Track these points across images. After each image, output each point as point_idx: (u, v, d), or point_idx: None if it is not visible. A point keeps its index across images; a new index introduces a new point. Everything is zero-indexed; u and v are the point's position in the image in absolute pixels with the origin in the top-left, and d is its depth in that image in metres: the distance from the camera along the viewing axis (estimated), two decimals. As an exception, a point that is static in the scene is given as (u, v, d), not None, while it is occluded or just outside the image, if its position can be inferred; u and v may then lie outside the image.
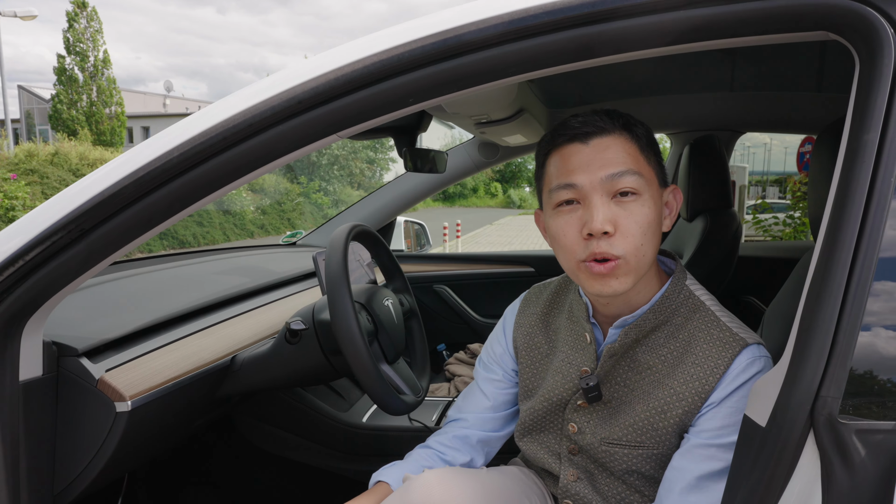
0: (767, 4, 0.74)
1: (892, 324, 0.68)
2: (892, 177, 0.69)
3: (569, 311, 1.07)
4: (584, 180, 0.89)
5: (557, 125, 0.95)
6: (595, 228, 0.87)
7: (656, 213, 0.91)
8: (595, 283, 0.90)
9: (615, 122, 0.92)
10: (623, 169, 0.89)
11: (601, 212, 0.87)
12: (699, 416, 0.91)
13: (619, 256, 0.88)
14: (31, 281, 0.91)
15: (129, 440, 1.07)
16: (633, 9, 0.76)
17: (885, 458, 0.65)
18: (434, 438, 1.15)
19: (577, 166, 0.90)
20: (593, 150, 0.90)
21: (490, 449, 1.16)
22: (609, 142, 0.91)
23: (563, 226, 0.92)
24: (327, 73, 0.84)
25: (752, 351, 0.91)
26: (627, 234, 0.88)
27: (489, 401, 1.14)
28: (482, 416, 1.14)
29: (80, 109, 22.94)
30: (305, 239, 2.59)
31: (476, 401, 1.16)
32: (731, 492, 0.76)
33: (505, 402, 1.15)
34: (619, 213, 0.88)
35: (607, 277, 0.89)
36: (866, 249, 0.68)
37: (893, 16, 0.71)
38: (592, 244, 0.88)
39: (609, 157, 0.89)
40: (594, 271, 0.89)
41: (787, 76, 1.83)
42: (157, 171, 0.86)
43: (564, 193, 0.91)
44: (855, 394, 0.67)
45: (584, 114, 0.93)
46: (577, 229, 0.90)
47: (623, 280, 0.89)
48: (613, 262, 0.88)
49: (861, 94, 0.72)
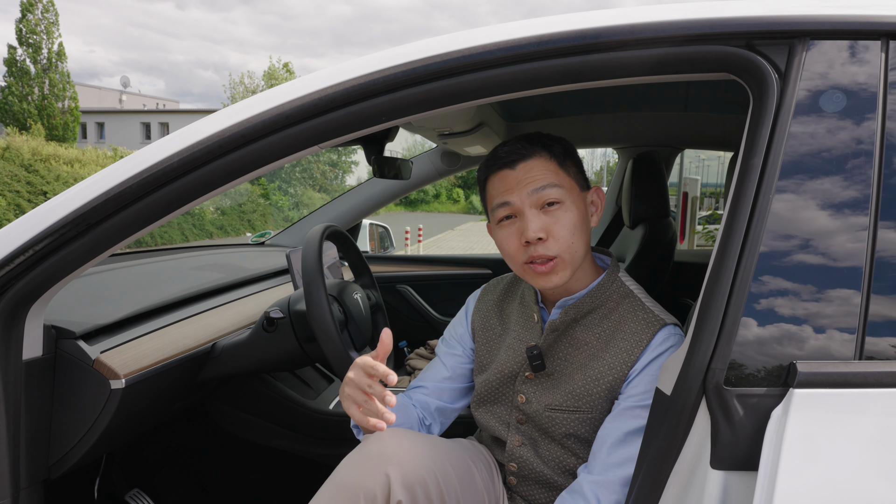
0: (683, 50, 0.91)
1: (766, 311, 0.85)
2: (770, 193, 0.86)
3: (521, 297, 1.25)
4: (516, 198, 1.10)
5: (490, 155, 1.15)
6: (530, 236, 1.07)
7: (580, 215, 1.11)
8: (539, 280, 1.11)
9: (534, 145, 1.12)
10: (545, 183, 1.09)
11: (534, 222, 1.07)
12: (626, 384, 1.09)
13: (556, 256, 1.08)
14: (39, 269, 1.00)
15: (119, 416, 1.18)
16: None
17: (758, 417, 0.81)
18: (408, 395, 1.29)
19: (508, 187, 1.11)
20: (519, 172, 1.10)
21: (445, 419, 1.30)
22: (532, 164, 1.10)
23: (506, 237, 1.12)
24: (312, 93, 0.97)
25: (668, 329, 1.10)
26: (558, 237, 1.08)
27: (448, 371, 1.30)
28: (440, 386, 1.29)
29: (32, 103, 22.23)
30: (274, 239, 2.70)
31: (436, 371, 1.31)
32: (645, 447, 0.92)
33: (462, 375, 1.31)
34: (548, 220, 1.08)
35: (549, 274, 1.09)
36: (748, 254, 0.84)
37: (778, 64, 0.88)
38: (531, 249, 1.08)
39: (533, 175, 1.10)
40: (538, 271, 1.09)
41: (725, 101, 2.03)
42: (159, 173, 0.97)
43: (503, 210, 1.11)
44: (736, 366, 0.84)
45: (509, 143, 1.13)
46: (517, 238, 1.10)
47: (562, 274, 1.09)
48: (552, 261, 1.08)
49: (752, 126, 0.89)
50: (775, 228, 0.85)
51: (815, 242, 0.85)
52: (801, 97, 0.86)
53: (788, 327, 0.84)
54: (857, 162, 0.85)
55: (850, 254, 0.84)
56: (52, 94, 22.49)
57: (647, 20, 0.90)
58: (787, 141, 0.85)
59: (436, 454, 1.10)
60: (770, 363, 0.83)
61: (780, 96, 0.86)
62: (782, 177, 0.85)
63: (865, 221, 0.84)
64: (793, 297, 0.84)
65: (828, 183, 0.86)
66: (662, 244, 2.11)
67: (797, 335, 0.84)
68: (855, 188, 0.85)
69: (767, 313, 0.84)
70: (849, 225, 0.85)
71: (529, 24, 0.94)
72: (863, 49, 0.87)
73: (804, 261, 0.85)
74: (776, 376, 0.82)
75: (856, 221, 0.84)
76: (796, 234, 0.85)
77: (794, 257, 0.85)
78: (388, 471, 1.03)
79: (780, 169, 0.85)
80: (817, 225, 0.85)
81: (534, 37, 0.92)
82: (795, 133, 0.86)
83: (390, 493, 1.01)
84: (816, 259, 0.85)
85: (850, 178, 0.85)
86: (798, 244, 0.85)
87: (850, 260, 0.84)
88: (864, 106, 0.86)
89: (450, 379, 1.30)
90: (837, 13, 0.88)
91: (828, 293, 0.84)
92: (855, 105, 0.86)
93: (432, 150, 2.63)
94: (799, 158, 0.86)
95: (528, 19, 0.97)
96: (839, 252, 0.84)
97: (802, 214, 0.85)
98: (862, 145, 0.85)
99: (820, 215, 0.85)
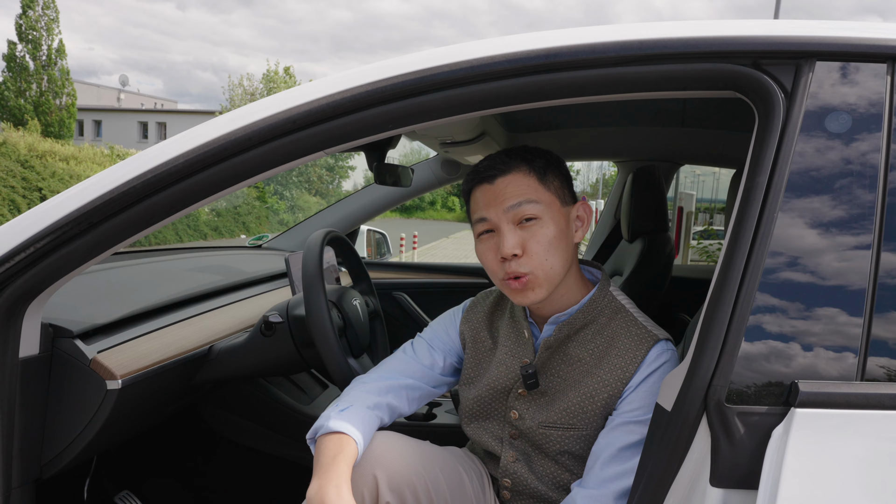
0: (691, 67, 0.92)
1: (768, 329, 0.85)
2: (775, 212, 0.86)
3: (510, 312, 1.23)
4: (493, 214, 1.09)
5: (472, 169, 1.14)
6: (505, 253, 1.06)
7: (558, 231, 1.09)
8: (515, 296, 1.11)
9: (514, 159, 1.11)
10: (522, 199, 1.08)
11: (509, 239, 1.07)
12: (621, 401, 1.08)
13: (528, 273, 1.07)
14: (40, 266, 1.00)
15: (115, 416, 1.17)
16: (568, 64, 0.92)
17: (759, 435, 0.81)
18: (372, 392, 1.16)
19: (487, 203, 1.10)
20: (497, 187, 1.09)
21: (421, 400, 1.23)
22: (510, 179, 1.09)
23: (485, 251, 1.11)
24: (319, 99, 0.97)
25: (661, 345, 1.10)
26: (533, 254, 1.07)
27: (437, 359, 1.25)
28: (429, 374, 1.24)
29: (29, 98, 22.18)
30: (271, 242, 2.69)
31: (419, 361, 1.25)
32: (644, 461, 0.92)
33: (441, 366, 1.25)
34: (525, 236, 1.07)
35: (524, 290, 1.09)
36: (752, 271, 0.85)
37: (784, 84, 0.89)
38: (507, 265, 1.08)
39: (510, 191, 1.08)
40: (512, 287, 1.09)
41: (725, 118, 2.04)
42: (164, 174, 0.97)
43: (481, 225, 1.11)
44: (738, 384, 0.84)
45: (490, 157, 1.13)
46: (495, 253, 1.10)
47: (537, 291, 1.08)
48: (524, 277, 1.07)
49: (757, 144, 0.90)
50: (779, 246, 0.85)
51: (818, 261, 0.85)
52: (806, 117, 0.87)
53: (791, 346, 0.84)
54: (861, 182, 0.86)
55: (853, 273, 0.84)
56: (50, 90, 22.44)
57: (656, 36, 0.91)
58: (792, 160, 0.86)
59: (425, 459, 1.09)
60: (772, 382, 0.83)
61: (785, 116, 0.87)
62: (787, 196, 0.86)
63: (869, 241, 0.85)
64: (795, 316, 0.84)
65: (831, 203, 0.86)
66: (661, 258, 2.11)
67: (799, 354, 0.84)
68: (859, 209, 0.85)
69: (770, 331, 0.84)
70: (852, 245, 0.85)
71: (538, 37, 0.95)
72: (869, 71, 0.88)
73: (807, 279, 0.85)
74: (778, 395, 0.82)
75: (859, 241, 0.85)
76: (799, 252, 0.85)
77: (797, 276, 0.85)
78: (376, 472, 1.03)
79: (785, 188, 0.85)
80: (821, 244, 0.86)
81: (542, 49, 0.92)
82: (800, 152, 0.86)
83: (378, 495, 1.01)
84: (819, 278, 0.85)
85: (853, 198, 0.86)
86: (801, 263, 0.85)
87: (853, 279, 0.84)
88: (869, 127, 0.87)
89: (430, 367, 1.25)
90: (844, 35, 0.89)
91: (830, 312, 0.84)
92: (860, 126, 0.87)
93: (432, 158, 2.64)
94: (803, 178, 0.86)
95: (536, 32, 0.98)
96: (842, 271, 0.85)
97: (806, 233, 0.86)
98: (866, 166, 0.86)
99: (823, 235, 0.86)
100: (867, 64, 0.88)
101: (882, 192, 0.85)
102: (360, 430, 1.05)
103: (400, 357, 1.26)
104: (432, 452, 1.13)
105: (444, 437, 1.37)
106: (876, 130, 0.86)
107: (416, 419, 1.78)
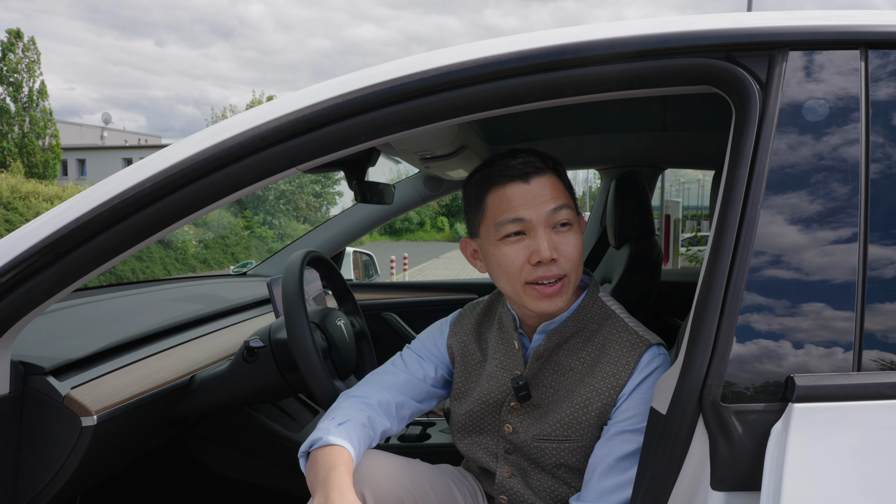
0: (663, 63, 0.91)
1: (759, 325, 0.83)
2: (758, 205, 0.84)
3: (498, 323, 1.19)
4: (532, 215, 1.03)
5: (494, 167, 1.07)
6: (545, 257, 1.01)
7: (582, 239, 1.08)
8: (542, 302, 1.05)
9: (547, 164, 1.08)
10: (561, 203, 1.05)
11: (548, 242, 1.02)
12: (615, 409, 1.05)
13: (565, 275, 1.04)
14: (5, 302, 0.96)
15: (92, 455, 1.12)
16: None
17: (757, 434, 0.79)
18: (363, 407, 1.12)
19: (524, 202, 1.03)
20: (534, 188, 1.04)
21: (409, 417, 1.19)
22: (546, 181, 1.05)
23: (511, 254, 1.04)
24: (288, 114, 0.95)
25: (654, 350, 1.07)
26: (569, 257, 1.04)
27: (429, 371, 1.21)
28: (420, 386, 1.20)
29: (12, 141, 22.11)
30: (256, 269, 2.65)
31: (409, 373, 1.21)
32: (642, 469, 0.89)
33: (432, 377, 1.22)
34: (559, 240, 1.04)
35: (554, 297, 1.04)
36: (738, 267, 0.82)
37: (759, 75, 0.88)
38: (540, 269, 1.03)
39: (548, 194, 1.04)
40: (545, 293, 1.04)
41: (706, 119, 2.04)
42: (131, 199, 0.94)
43: (512, 227, 1.04)
44: (732, 382, 0.81)
45: (521, 156, 1.07)
46: (524, 257, 1.04)
47: (565, 297, 1.05)
48: (561, 281, 1.04)
49: (735, 137, 0.89)
50: (764, 240, 0.83)
51: (804, 252, 0.84)
52: (783, 107, 0.86)
53: (783, 341, 0.82)
54: (842, 171, 0.85)
55: (841, 262, 0.83)
56: (33, 131, 22.39)
57: (627, 34, 0.90)
58: (772, 151, 0.85)
59: (414, 476, 1.06)
60: (767, 378, 0.81)
61: (762, 107, 0.86)
62: (769, 187, 0.84)
63: (855, 229, 0.83)
64: (786, 310, 0.82)
65: (815, 192, 0.85)
66: (649, 262, 2.09)
67: (793, 349, 0.82)
68: (842, 198, 0.84)
69: (761, 327, 0.82)
70: (838, 233, 0.83)
71: (509, 41, 0.94)
72: (842, 58, 0.87)
73: (794, 272, 0.84)
74: (774, 391, 0.80)
75: (845, 231, 0.83)
76: (785, 245, 0.84)
77: (784, 269, 0.84)
78: (364, 491, 1.01)
79: (767, 180, 0.84)
80: (805, 235, 0.84)
81: (514, 53, 0.91)
82: (780, 143, 0.85)
83: None
84: (807, 269, 0.83)
85: (837, 186, 0.84)
86: (787, 255, 0.84)
87: (842, 268, 0.82)
88: (846, 114, 0.86)
89: (422, 379, 1.21)
90: (815, 24, 0.88)
91: (821, 304, 0.82)
92: (838, 113, 0.86)
93: (414, 175, 2.62)
94: (785, 169, 0.85)
95: (507, 36, 0.96)
96: (829, 261, 0.83)
97: (790, 225, 0.84)
98: (847, 153, 0.85)
99: (808, 225, 0.84)
100: (840, 51, 0.87)
101: (865, 177, 0.84)
102: (355, 446, 1.02)
103: (390, 370, 1.21)
104: (421, 470, 1.10)
105: (438, 456, 1.33)
106: (854, 116, 0.86)
107: (410, 440, 1.74)
